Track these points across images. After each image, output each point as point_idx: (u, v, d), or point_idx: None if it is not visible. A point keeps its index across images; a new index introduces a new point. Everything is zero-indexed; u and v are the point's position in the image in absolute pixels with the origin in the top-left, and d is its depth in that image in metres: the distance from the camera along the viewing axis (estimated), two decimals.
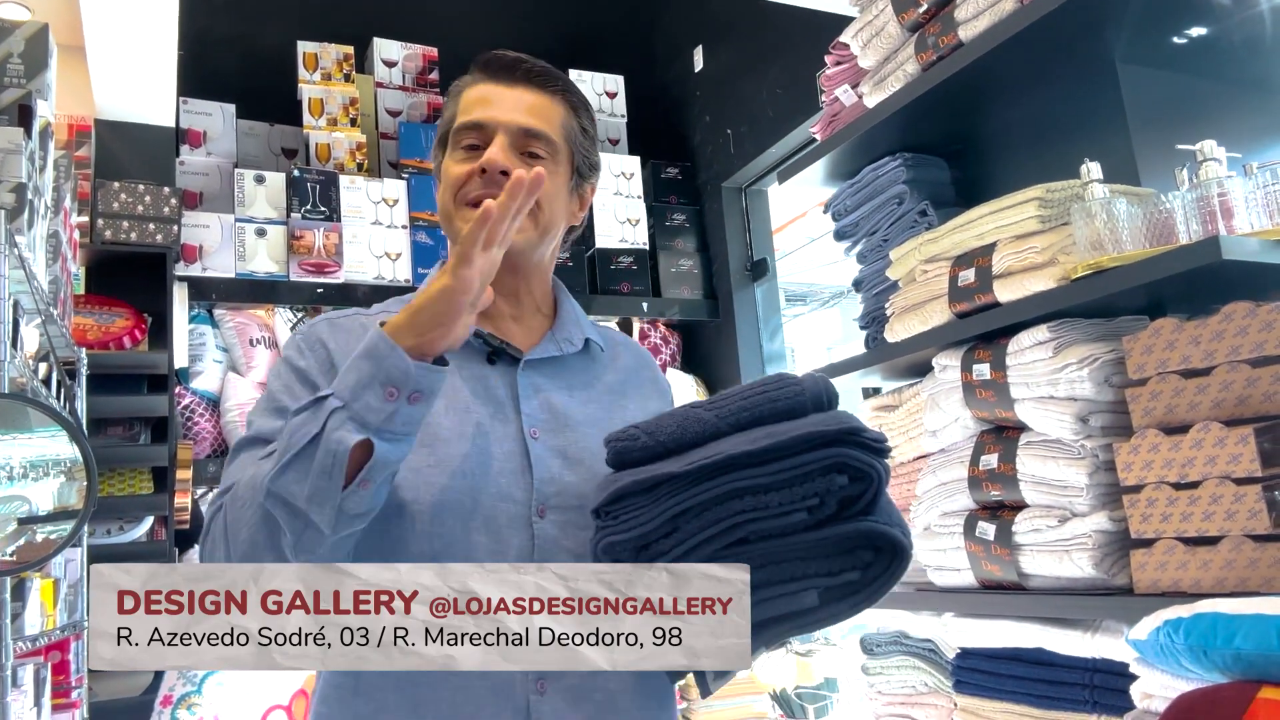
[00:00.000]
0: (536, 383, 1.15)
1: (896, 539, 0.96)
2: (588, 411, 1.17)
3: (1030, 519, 1.62)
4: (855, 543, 0.96)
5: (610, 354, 1.27)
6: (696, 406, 1.03)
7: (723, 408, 1.01)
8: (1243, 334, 1.36)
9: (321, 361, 1.10)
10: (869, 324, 2.15)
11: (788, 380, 1.03)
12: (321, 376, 1.08)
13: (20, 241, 1.94)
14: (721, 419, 1.00)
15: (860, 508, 0.96)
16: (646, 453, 1.00)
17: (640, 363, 1.31)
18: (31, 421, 1.98)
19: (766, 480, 0.93)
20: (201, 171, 3.35)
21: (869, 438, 0.96)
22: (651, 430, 1.01)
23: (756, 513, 0.93)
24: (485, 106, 1.12)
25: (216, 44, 3.59)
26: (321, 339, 1.12)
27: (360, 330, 1.14)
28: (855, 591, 0.98)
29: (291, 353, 1.12)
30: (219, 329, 3.27)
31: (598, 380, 1.22)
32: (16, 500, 2.06)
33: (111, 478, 2.93)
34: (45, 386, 2.37)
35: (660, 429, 1.01)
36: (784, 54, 3.40)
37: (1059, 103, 1.92)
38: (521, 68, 1.14)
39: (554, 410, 1.14)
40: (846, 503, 0.96)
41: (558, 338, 1.19)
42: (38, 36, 2.24)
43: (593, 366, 1.23)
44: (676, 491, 0.95)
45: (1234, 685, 1.14)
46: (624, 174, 3.81)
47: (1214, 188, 1.44)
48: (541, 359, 1.17)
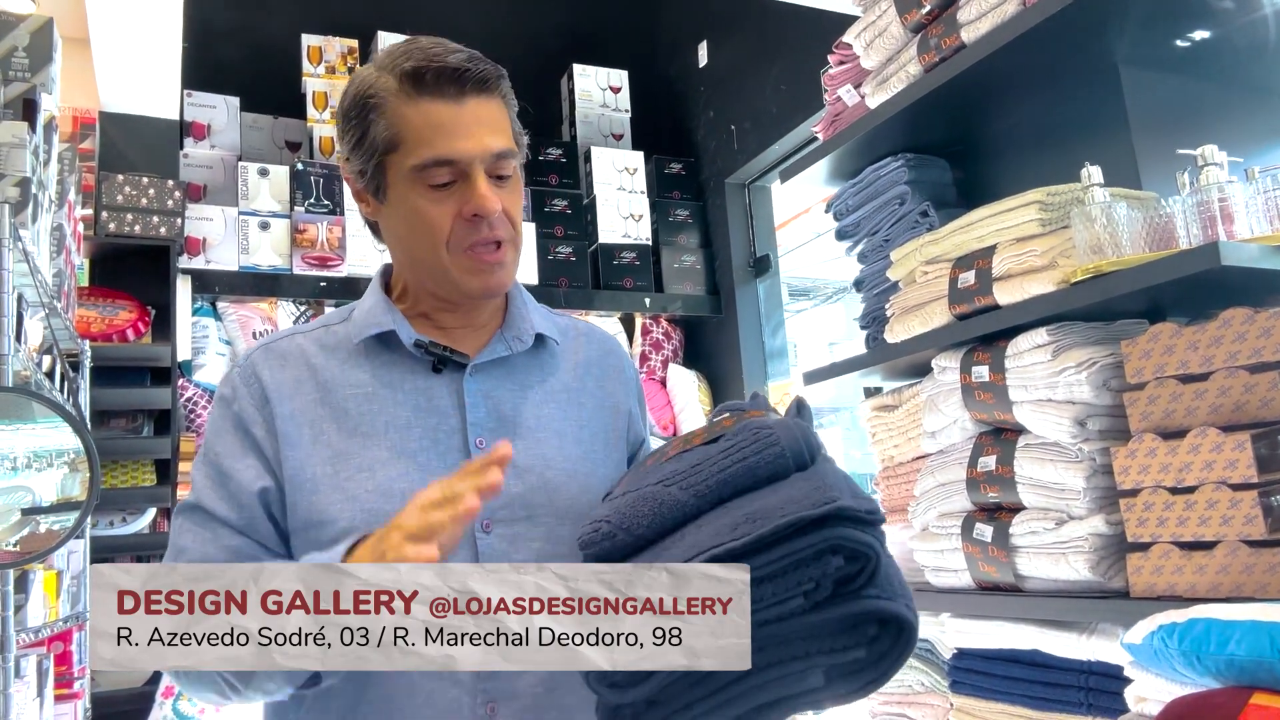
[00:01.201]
0: (485, 388, 1.11)
1: (900, 614, 0.90)
2: (542, 414, 1.13)
3: (1027, 521, 1.63)
4: (858, 619, 0.91)
5: (569, 346, 1.22)
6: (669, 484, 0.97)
7: (699, 484, 0.95)
8: (1241, 340, 1.37)
9: (257, 397, 1.08)
10: (869, 324, 2.16)
11: (765, 438, 0.97)
12: (257, 412, 1.07)
13: (24, 235, 1.95)
14: (699, 497, 0.94)
15: (859, 584, 0.90)
16: (624, 550, 0.95)
17: (603, 351, 1.25)
18: (35, 411, 1.99)
19: (757, 574, 0.87)
20: (205, 164, 3.36)
21: (862, 512, 0.90)
22: (626, 525, 0.95)
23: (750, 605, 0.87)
24: (448, 136, 1.03)
25: (221, 37, 3.60)
26: (256, 372, 1.10)
27: (298, 354, 1.11)
28: (862, 669, 0.92)
29: (226, 392, 1.11)
30: (222, 322, 3.28)
31: (552, 377, 1.17)
32: (20, 490, 2.07)
33: (115, 469, 2.95)
34: (49, 379, 2.38)
35: (635, 520, 0.95)
36: (788, 50, 3.40)
37: (1061, 105, 1.92)
38: (467, 79, 1.04)
39: (503, 417, 1.10)
40: (843, 580, 0.90)
41: (506, 336, 1.14)
42: (42, 30, 2.24)
43: (548, 362, 1.18)
44: None
45: (1227, 691, 1.14)
46: (627, 169, 3.82)
47: (1214, 193, 1.45)
48: (489, 361, 1.12)
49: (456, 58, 1.04)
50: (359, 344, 1.12)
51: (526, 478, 1.07)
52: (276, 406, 1.07)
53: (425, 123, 1.03)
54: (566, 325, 1.25)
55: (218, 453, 1.07)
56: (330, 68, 3.58)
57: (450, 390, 1.10)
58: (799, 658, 0.90)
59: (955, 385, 1.77)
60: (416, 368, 1.11)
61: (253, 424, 1.07)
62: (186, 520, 1.06)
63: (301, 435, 1.06)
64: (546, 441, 1.11)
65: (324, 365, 1.10)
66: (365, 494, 1.02)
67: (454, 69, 1.03)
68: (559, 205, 3.74)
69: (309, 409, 1.07)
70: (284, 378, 1.09)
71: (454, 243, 1.06)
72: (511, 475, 1.05)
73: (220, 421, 1.09)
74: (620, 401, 1.23)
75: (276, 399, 1.07)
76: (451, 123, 1.03)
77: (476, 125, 1.03)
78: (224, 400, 1.10)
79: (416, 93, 1.03)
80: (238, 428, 1.07)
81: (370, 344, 1.12)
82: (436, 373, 1.10)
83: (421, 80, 1.03)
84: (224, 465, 1.06)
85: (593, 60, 4.01)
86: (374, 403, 1.08)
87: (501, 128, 1.06)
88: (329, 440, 1.06)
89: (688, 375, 3.78)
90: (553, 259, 3.61)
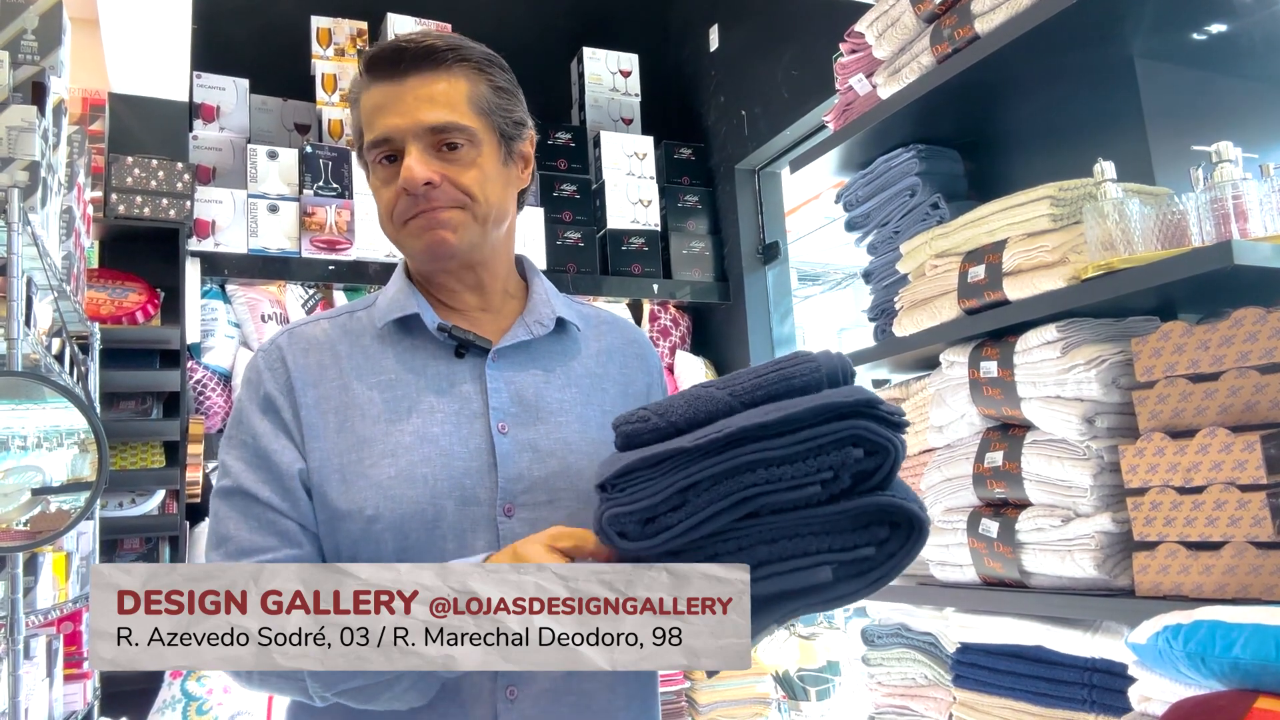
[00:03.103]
0: (507, 373, 1.12)
1: (914, 513, 0.93)
2: (564, 397, 1.13)
3: (1033, 518, 1.62)
4: (871, 518, 0.93)
5: (592, 333, 1.22)
6: (709, 385, 1.00)
7: (736, 386, 0.98)
8: (1253, 340, 1.35)
9: (282, 382, 1.09)
10: (878, 316, 2.15)
11: (803, 357, 0.99)
12: (284, 397, 1.08)
13: (34, 219, 1.95)
14: (735, 397, 0.97)
15: (876, 482, 0.93)
16: (657, 434, 0.97)
17: (626, 340, 1.25)
18: (45, 392, 2.00)
19: (779, 453, 0.90)
20: (214, 146, 3.35)
21: (886, 411, 0.93)
22: (662, 411, 0.98)
23: (768, 485, 0.90)
24: (384, 114, 1.05)
25: (230, 18, 3.58)
26: (282, 357, 1.11)
27: (323, 340, 1.12)
28: (871, 568, 0.94)
29: (253, 375, 1.11)
30: (231, 304, 3.28)
31: (574, 361, 1.17)
32: (31, 470, 2.09)
33: (124, 451, 2.96)
34: (58, 362, 2.39)
35: (671, 409, 0.98)
36: (800, 35, 3.37)
37: (1075, 98, 1.89)
38: (405, 56, 1.05)
39: (525, 401, 1.11)
40: (861, 477, 0.93)
41: (528, 321, 1.15)
42: (51, 13, 2.23)
43: (570, 347, 1.18)
44: (685, 464, 0.92)
45: (1231, 694, 1.14)
46: (637, 154, 3.79)
47: (1228, 190, 1.43)
48: (511, 345, 1.13)
49: (408, 38, 1.07)
50: (382, 328, 1.12)
51: (548, 461, 1.08)
52: (301, 395, 1.07)
53: (370, 106, 1.07)
54: (590, 313, 1.25)
55: (255, 434, 1.07)
56: (340, 50, 3.57)
57: (473, 375, 1.10)
58: (809, 553, 0.92)
59: (963, 380, 1.76)
60: (439, 353, 1.11)
61: (281, 409, 1.07)
62: (228, 506, 1.04)
63: (327, 424, 1.06)
64: (568, 426, 1.11)
65: (348, 352, 1.11)
66: (388, 480, 1.03)
67: (393, 50, 1.06)
68: (567, 190, 3.72)
69: (333, 395, 1.08)
70: (308, 363, 1.10)
71: (396, 215, 1.08)
72: (534, 459, 1.08)
73: (249, 404, 1.09)
74: (643, 388, 1.23)
75: (301, 386, 1.08)
76: (389, 102, 1.05)
77: (414, 101, 1.04)
78: (250, 383, 1.10)
79: (369, 80, 1.07)
80: (268, 410, 1.07)
81: (393, 329, 1.12)
82: (459, 358, 1.11)
83: (371, 67, 1.07)
84: (262, 445, 1.06)
85: (603, 44, 3.97)
86: (397, 388, 1.08)
87: (447, 101, 1.05)
88: (352, 427, 1.06)
89: (695, 362, 3.77)
90: (561, 244, 3.60)
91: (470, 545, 1.03)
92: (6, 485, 2.06)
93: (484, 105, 1.08)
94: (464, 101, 1.07)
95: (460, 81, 1.07)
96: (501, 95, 1.11)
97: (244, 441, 1.07)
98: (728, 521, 0.91)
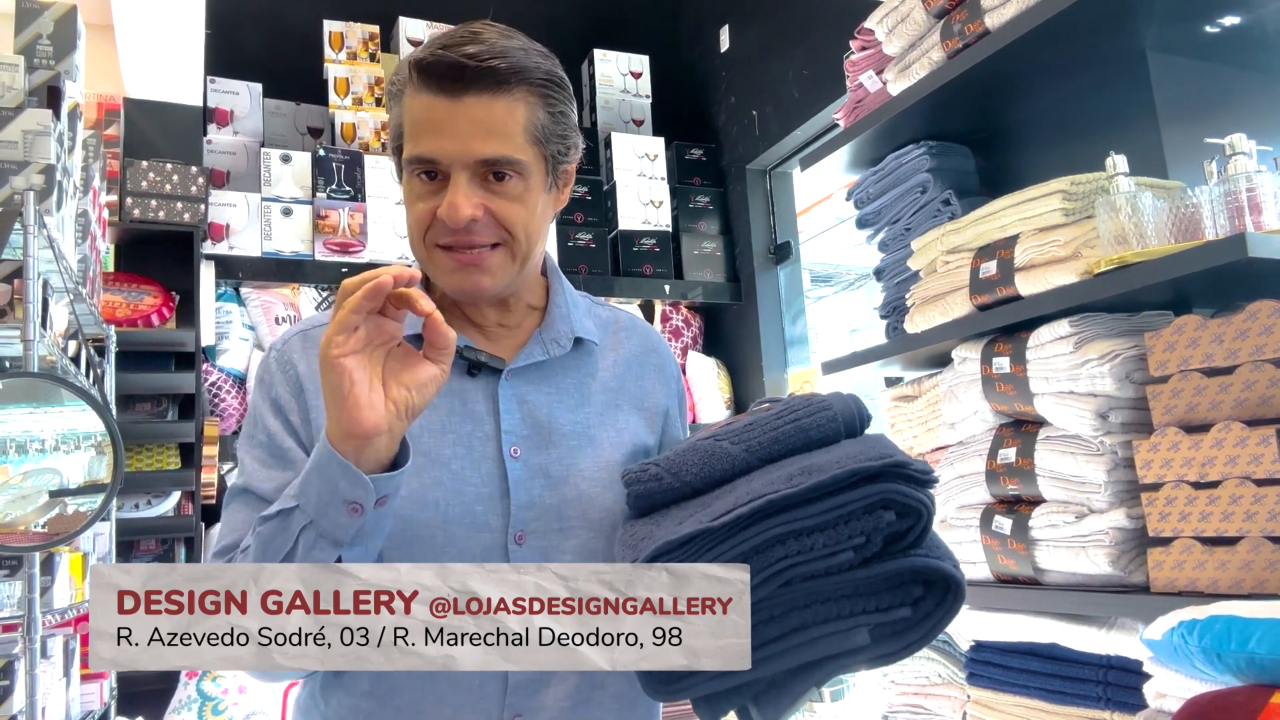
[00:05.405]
0: (521, 393, 1.09)
1: (949, 573, 0.91)
2: (577, 419, 1.10)
3: (1047, 514, 1.61)
4: (905, 578, 0.91)
5: (609, 343, 1.18)
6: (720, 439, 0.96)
7: (751, 440, 0.95)
8: (1267, 333, 1.34)
9: (293, 384, 1.07)
10: (889, 313, 2.13)
11: (817, 404, 0.96)
12: (293, 399, 1.06)
13: (49, 222, 1.97)
14: (751, 453, 0.94)
15: (908, 542, 0.91)
16: (670, 494, 0.95)
17: (646, 348, 1.22)
18: (62, 394, 2.02)
19: (809, 523, 0.88)
20: (228, 150, 3.37)
21: (915, 470, 0.90)
22: (674, 469, 0.95)
23: (799, 556, 0.88)
24: (433, 133, 0.98)
25: (243, 23, 3.60)
26: (291, 358, 1.09)
27: None
28: (908, 629, 0.93)
29: (264, 375, 1.09)
30: (245, 307, 3.30)
31: (590, 380, 1.14)
32: (48, 473, 2.10)
33: (140, 453, 2.99)
34: (74, 364, 2.41)
35: (683, 467, 0.95)
36: (810, 35, 3.35)
37: (1087, 92, 1.88)
38: (468, 73, 0.97)
39: (537, 423, 1.08)
40: (893, 538, 0.91)
41: (544, 338, 1.12)
42: (66, 18, 2.26)
43: (585, 363, 1.15)
44: (714, 544, 0.89)
45: (1247, 689, 1.13)
46: (648, 155, 3.79)
47: (1242, 182, 1.41)
48: (526, 365, 1.10)
49: (467, 50, 0.98)
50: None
51: (560, 489, 1.06)
52: (312, 398, 1.05)
53: (420, 117, 1.00)
54: (608, 318, 1.22)
55: (270, 433, 1.06)
56: (351, 53, 3.58)
57: (485, 395, 1.07)
58: (844, 616, 0.91)
59: (976, 376, 1.75)
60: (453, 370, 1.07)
61: (291, 411, 1.06)
62: (240, 502, 1.04)
63: None
64: (581, 450, 1.08)
65: None
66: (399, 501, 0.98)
67: (452, 64, 0.97)
68: (579, 191, 3.72)
69: None
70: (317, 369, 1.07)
71: (430, 237, 1.02)
72: (545, 485, 1.05)
73: (262, 404, 1.08)
74: (659, 401, 1.20)
75: (313, 389, 1.06)
76: (441, 120, 0.98)
77: (468, 126, 0.98)
78: (263, 383, 1.09)
79: (421, 85, 0.99)
80: (278, 412, 1.06)
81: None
82: (471, 376, 1.08)
83: (425, 73, 0.99)
84: (276, 444, 1.05)
85: (614, 45, 3.97)
86: None
87: (503, 131, 0.99)
88: None
89: (707, 363, 3.76)
90: (572, 245, 3.60)
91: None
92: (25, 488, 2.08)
93: (539, 134, 1.02)
94: (520, 132, 1.00)
95: (518, 107, 1.00)
96: (558, 121, 1.05)
97: (260, 440, 1.07)
98: (762, 596, 0.89)
